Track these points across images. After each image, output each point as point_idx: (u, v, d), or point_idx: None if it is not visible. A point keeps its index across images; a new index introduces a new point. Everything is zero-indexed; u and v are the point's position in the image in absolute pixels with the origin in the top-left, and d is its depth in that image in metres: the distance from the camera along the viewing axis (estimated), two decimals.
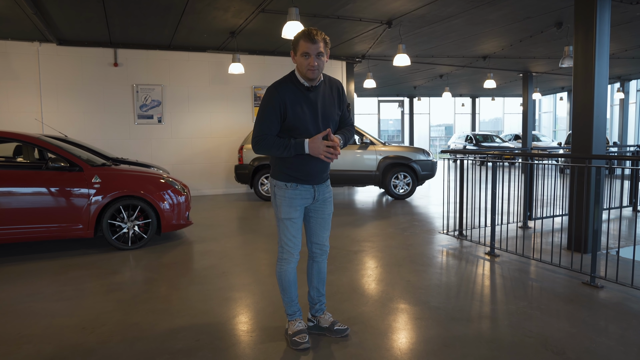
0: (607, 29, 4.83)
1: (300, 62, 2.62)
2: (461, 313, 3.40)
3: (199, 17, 7.56)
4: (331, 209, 2.96)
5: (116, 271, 4.60)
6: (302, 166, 2.73)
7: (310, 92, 2.68)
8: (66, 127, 8.97)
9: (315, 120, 2.70)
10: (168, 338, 3.05)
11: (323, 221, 2.93)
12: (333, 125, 2.79)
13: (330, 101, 2.77)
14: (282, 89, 2.65)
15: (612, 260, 4.64)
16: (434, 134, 27.43)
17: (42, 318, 3.41)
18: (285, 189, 2.77)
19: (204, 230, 6.49)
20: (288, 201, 2.77)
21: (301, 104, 2.66)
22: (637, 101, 18.65)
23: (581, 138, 4.94)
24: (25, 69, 8.89)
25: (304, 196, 2.79)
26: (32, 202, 5.03)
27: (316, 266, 3.01)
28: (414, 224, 6.78)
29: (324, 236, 2.96)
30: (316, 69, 2.60)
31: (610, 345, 2.86)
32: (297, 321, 2.94)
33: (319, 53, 2.58)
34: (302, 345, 2.83)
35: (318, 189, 2.83)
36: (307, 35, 2.57)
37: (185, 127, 10.14)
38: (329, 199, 2.93)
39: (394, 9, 7.28)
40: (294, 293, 2.93)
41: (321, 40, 2.59)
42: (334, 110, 2.79)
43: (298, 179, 2.75)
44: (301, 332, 2.89)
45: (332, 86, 2.81)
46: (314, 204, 2.87)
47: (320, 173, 2.81)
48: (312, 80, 2.65)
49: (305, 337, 2.87)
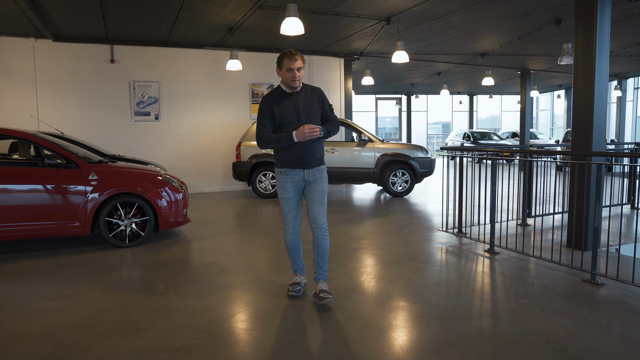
0: (607, 26, 4.81)
1: (284, 75, 3.43)
2: (462, 311, 3.38)
3: (197, 13, 7.51)
4: (322, 188, 3.53)
5: (113, 269, 4.55)
6: (292, 154, 3.45)
7: (291, 96, 3.49)
8: (62, 124, 8.89)
9: (297, 115, 3.46)
10: (167, 336, 3.02)
11: (315, 198, 3.53)
12: (315, 119, 3.53)
13: (310, 102, 3.52)
14: (270, 97, 3.50)
15: (611, 257, 4.62)
16: (431, 132, 27.41)
17: (39, 317, 3.37)
18: (280, 175, 3.55)
19: (201, 227, 6.45)
20: (281, 184, 3.54)
21: (285, 105, 3.46)
22: (634, 99, 18.68)
23: (581, 135, 4.92)
24: (20, 65, 8.80)
25: (294, 179, 3.51)
26: (28, 199, 4.97)
27: (315, 241, 3.58)
28: (413, 221, 6.76)
29: (316, 211, 3.52)
30: (297, 79, 3.41)
31: (612, 343, 2.84)
32: (296, 276, 3.79)
33: (299, 68, 3.39)
34: (290, 292, 3.68)
35: (308, 173, 3.52)
36: (289, 55, 3.37)
37: (182, 124, 10.08)
38: (320, 179, 3.55)
39: (392, 5, 7.24)
40: (296, 256, 3.72)
41: (300, 58, 3.40)
42: (314, 108, 3.53)
43: (290, 164, 3.48)
44: (294, 284, 3.73)
45: (312, 92, 3.57)
46: (306, 185, 3.55)
47: (309, 158, 3.48)
48: (294, 88, 3.47)
49: (296, 287, 3.69)
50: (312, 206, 3.54)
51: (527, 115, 14.79)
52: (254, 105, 10.60)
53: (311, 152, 3.48)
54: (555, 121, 24.91)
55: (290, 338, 2.99)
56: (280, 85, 3.54)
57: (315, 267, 3.61)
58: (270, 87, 10.67)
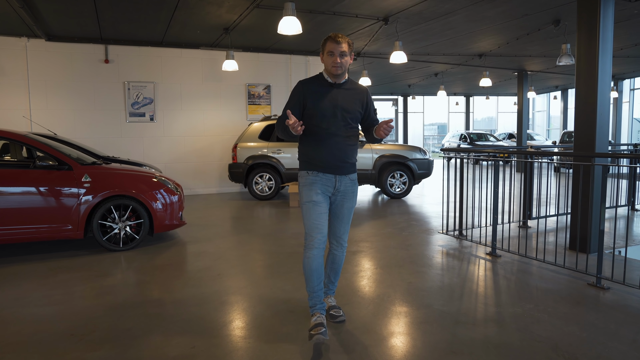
0: (610, 25, 4.74)
1: (326, 61, 2.95)
2: (466, 316, 3.29)
3: (192, 12, 7.40)
4: (352, 204, 3.09)
5: (107, 274, 4.43)
6: (323, 154, 2.96)
7: (332, 88, 2.99)
8: (55, 125, 8.75)
9: (333, 110, 2.95)
10: (162, 345, 2.91)
11: (342, 214, 3.07)
12: (353, 120, 3.04)
13: (353, 99, 3.02)
14: (307, 82, 3.01)
15: (616, 260, 4.54)
16: (428, 133, 27.39)
17: (29, 324, 3.25)
18: (306, 176, 3.00)
19: (197, 230, 6.33)
20: (309, 186, 2.96)
21: (322, 96, 2.95)
22: (630, 100, 18.71)
23: (584, 136, 4.85)
24: (12, 65, 8.65)
25: (324, 182, 2.97)
26: (20, 202, 4.84)
27: (331, 256, 3.19)
28: (412, 223, 6.67)
29: (341, 229, 3.10)
30: (339, 67, 2.91)
31: (623, 350, 2.75)
32: (316, 315, 2.94)
33: (342, 52, 2.90)
34: (316, 337, 2.78)
35: (340, 180, 3.01)
36: (333, 38, 2.92)
37: (178, 125, 9.95)
38: (351, 193, 3.07)
39: (391, 5, 7.16)
40: (315, 283, 2.95)
41: (345, 42, 2.92)
42: (355, 107, 3.03)
43: (318, 167, 2.97)
44: (319, 325, 2.86)
45: (358, 89, 3.09)
46: (335, 194, 3.03)
47: (340, 162, 2.98)
48: (336, 77, 2.97)
49: (321, 329, 2.82)
50: (337, 223, 3.08)
51: (524, 117, 14.76)
52: (250, 106, 10.49)
53: (345, 154, 3.00)
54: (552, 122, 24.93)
55: (289, 346, 2.88)
56: (322, 72, 3.05)
57: (327, 282, 3.25)
58: (266, 88, 10.57)
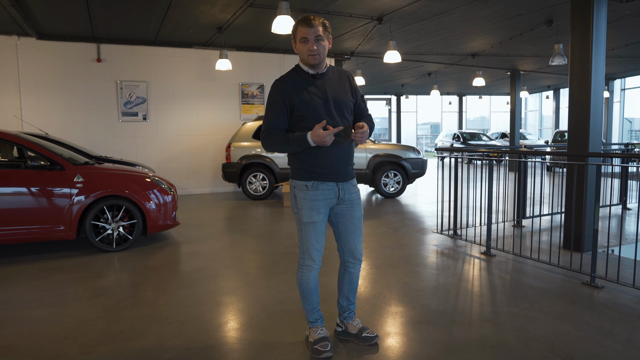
0: (603, 25, 4.77)
1: (300, 49, 2.54)
2: (462, 316, 3.29)
3: (186, 11, 7.34)
4: (360, 212, 2.74)
5: (100, 275, 4.38)
6: (322, 157, 2.55)
7: (316, 80, 2.58)
8: (47, 125, 8.65)
9: (326, 105, 2.55)
10: (156, 347, 2.88)
11: (353, 226, 2.70)
12: (348, 112, 2.65)
13: (341, 87, 2.64)
14: (285, 81, 2.56)
15: (610, 259, 4.57)
16: (421, 132, 27.45)
17: (20, 327, 3.20)
18: (306, 190, 2.58)
19: (191, 230, 6.29)
20: (310, 203, 2.57)
21: (308, 91, 2.54)
22: (621, 100, 18.88)
23: (578, 135, 4.87)
24: (2, 64, 8.54)
25: (327, 196, 2.60)
26: (11, 202, 4.78)
27: (348, 275, 2.82)
28: (406, 223, 6.67)
29: (357, 243, 2.74)
30: (316, 54, 2.49)
31: (618, 349, 2.76)
32: (319, 328, 2.76)
33: (317, 37, 2.49)
34: (324, 354, 2.64)
35: (343, 188, 2.64)
36: (304, 20, 2.49)
37: (171, 124, 9.89)
38: (357, 201, 2.72)
39: (385, 5, 7.16)
40: (316, 300, 2.75)
41: (319, 24, 2.49)
42: (346, 96, 2.64)
43: (320, 175, 2.57)
44: (323, 339, 2.70)
45: (342, 75, 2.70)
46: (340, 205, 2.67)
47: (344, 166, 2.63)
48: (315, 66, 2.55)
49: (327, 346, 2.68)
50: (351, 237, 2.72)
51: (517, 116, 14.84)
52: (244, 106, 10.44)
53: (349, 156, 2.66)
54: (544, 122, 25.10)
55: (285, 347, 2.86)
56: (298, 64, 2.62)
57: (345, 305, 2.87)
58: (260, 87, 10.53)
